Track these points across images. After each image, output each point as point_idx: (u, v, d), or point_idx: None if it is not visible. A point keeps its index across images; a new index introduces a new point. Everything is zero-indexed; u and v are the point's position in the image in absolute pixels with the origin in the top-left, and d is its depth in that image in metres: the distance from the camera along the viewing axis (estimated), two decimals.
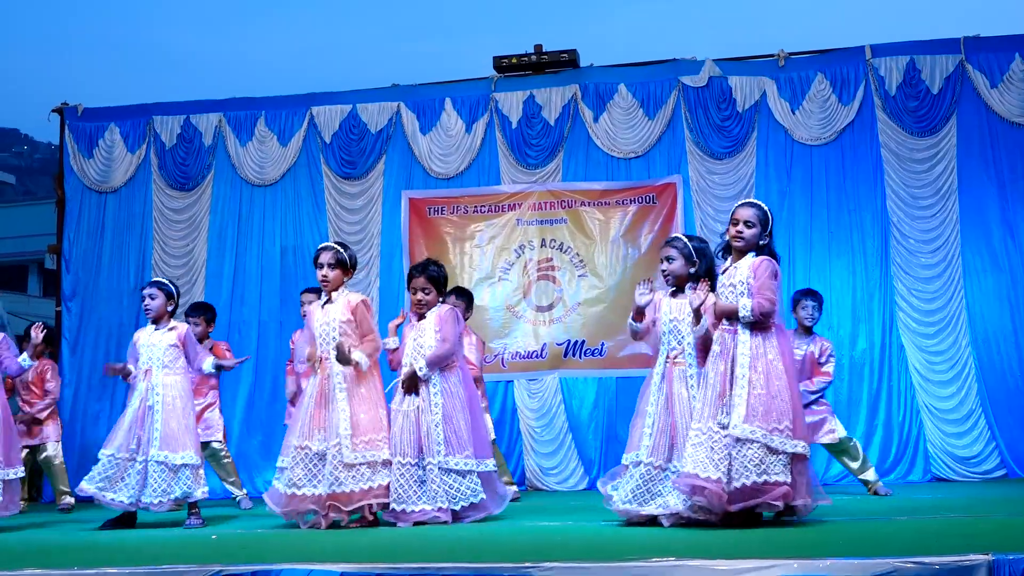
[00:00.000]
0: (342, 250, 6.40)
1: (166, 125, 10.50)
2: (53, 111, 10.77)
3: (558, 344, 9.66)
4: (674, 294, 5.67)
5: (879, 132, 9.55)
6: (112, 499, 6.30)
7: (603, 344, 9.61)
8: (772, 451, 4.91)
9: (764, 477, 4.88)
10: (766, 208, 5.49)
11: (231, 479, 8.09)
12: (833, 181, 9.52)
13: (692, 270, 5.56)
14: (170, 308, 6.77)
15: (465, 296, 8.13)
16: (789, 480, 4.91)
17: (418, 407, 6.02)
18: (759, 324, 5.13)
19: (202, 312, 8.33)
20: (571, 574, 3.69)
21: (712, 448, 4.98)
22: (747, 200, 5.69)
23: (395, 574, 3.81)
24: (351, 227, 10.12)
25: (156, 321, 6.70)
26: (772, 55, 9.88)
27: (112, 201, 10.52)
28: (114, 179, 10.50)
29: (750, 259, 5.29)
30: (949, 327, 9.21)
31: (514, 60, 10.13)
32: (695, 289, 5.38)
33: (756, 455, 4.91)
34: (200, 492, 6.40)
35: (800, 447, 4.99)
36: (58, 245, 10.52)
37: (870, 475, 7.39)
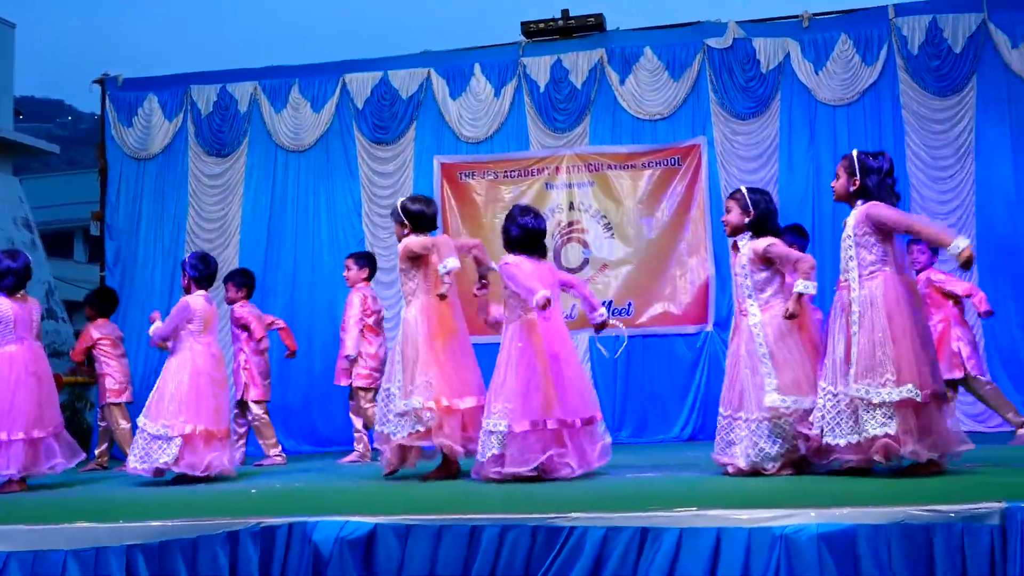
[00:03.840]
0: None
1: (203, 94, 10.54)
2: (94, 82, 10.84)
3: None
4: (734, 246, 5.68)
5: (901, 93, 9.45)
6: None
7: (630, 304, 9.62)
8: (869, 404, 4.88)
9: (856, 437, 4.90)
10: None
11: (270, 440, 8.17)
12: (856, 141, 9.33)
13: (747, 220, 5.54)
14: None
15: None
16: (892, 431, 4.83)
17: None
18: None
19: (231, 278, 8.45)
20: (595, 523, 3.72)
21: (824, 408, 5.06)
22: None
23: (426, 524, 3.85)
24: (383, 191, 10.12)
25: None
26: (796, 16, 9.79)
27: (151, 168, 10.59)
28: (152, 146, 10.57)
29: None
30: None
31: (542, 25, 10.11)
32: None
33: (850, 413, 4.95)
34: None
35: (906, 392, 4.83)
36: (101, 211, 10.62)
37: None
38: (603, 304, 9.47)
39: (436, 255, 5.98)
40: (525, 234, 5.92)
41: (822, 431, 5.03)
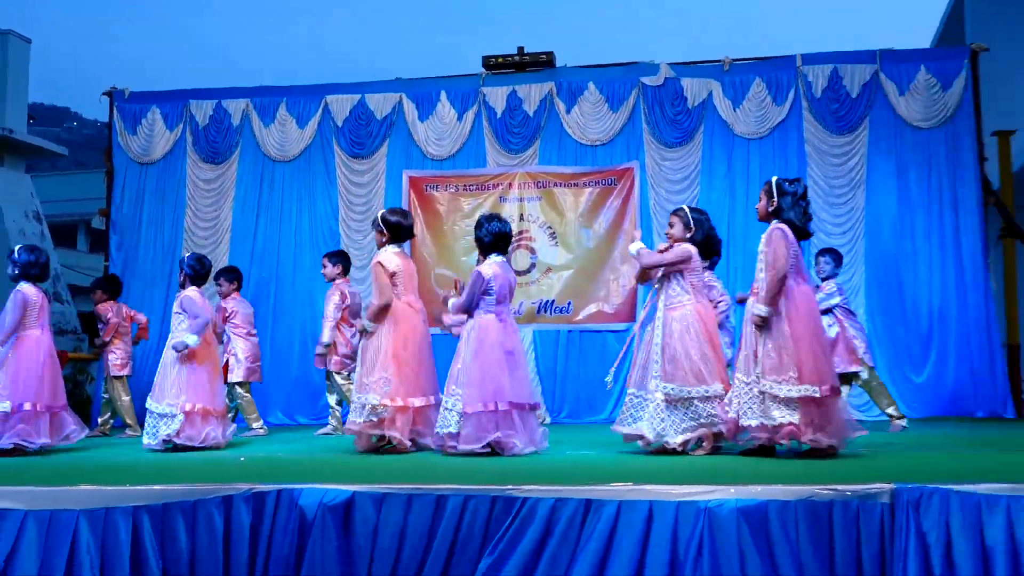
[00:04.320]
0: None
1: (201, 108, 10.37)
2: (104, 94, 10.61)
3: (532, 303, 9.68)
4: None
5: (804, 130, 9.61)
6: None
7: (569, 303, 9.65)
8: (775, 397, 4.94)
9: (765, 420, 4.95)
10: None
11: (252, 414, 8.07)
12: (766, 170, 9.44)
13: (689, 235, 5.61)
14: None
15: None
16: (796, 420, 4.88)
17: None
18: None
19: (223, 274, 8.32)
20: (545, 495, 3.73)
21: (739, 395, 5.11)
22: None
23: (398, 492, 3.83)
24: (358, 200, 10.04)
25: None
26: (718, 60, 9.87)
27: (152, 172, 10.40)
28: (154, 153, 10.38)
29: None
30: (852, 297, 9.24)
31: (500, 60, 10.08)
32: None
33: (760, 400, 5.00)
34: None
35: (805, 390, 4.88)
36: (107, 209, 10.42)
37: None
38: (547, 303, 9.64)
39: (399, 282, 6.04)
40: (495, 238, 5.91)
41: (738, 414, 5.09)
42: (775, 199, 5.26)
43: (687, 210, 5.73)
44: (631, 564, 3.52)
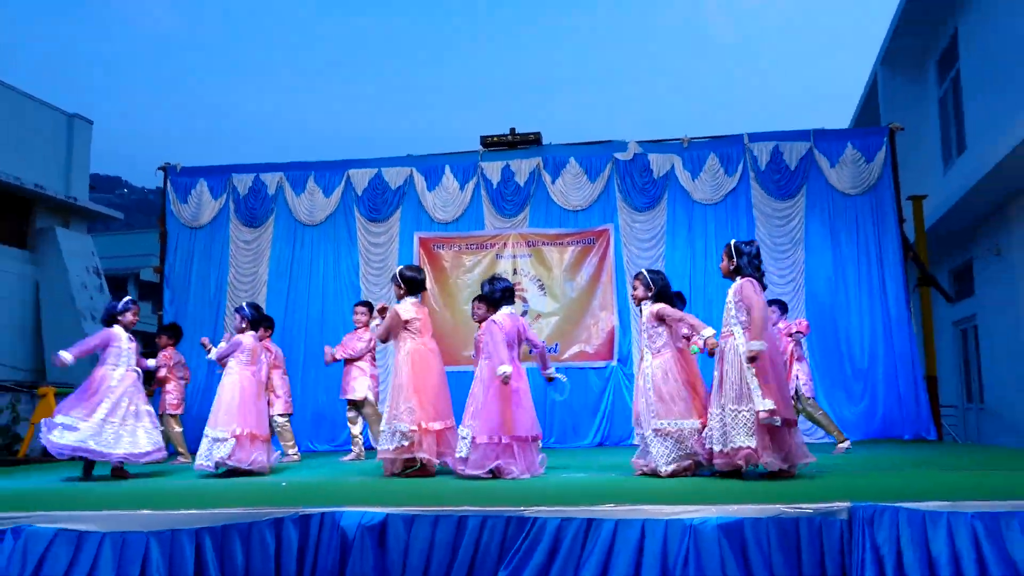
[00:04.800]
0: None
1: (241, 180, 10.38)
2: (159, 168, 10.59)
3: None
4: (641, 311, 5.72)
5: (752, 196, 9.67)
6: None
7: (557, 344, 9.62)
8: (737, 423, 4.90)
9: (730, 445, 4.91)
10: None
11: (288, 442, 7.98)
12: (720, 231, 9.58)
13: (650, 294, 5.60)
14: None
15: None
16: (752, 445, 4.83)
17: None
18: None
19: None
20: (551, 515, 3.70)
21: (712, 425, 5.09)
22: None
23: (425, 514, 3.79)
24: (376, 258, 10.03)
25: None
26: (679, 139, 9.96)
27: (200, 234, 10.36)
28: (202, 218, 10.36)
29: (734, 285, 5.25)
30: None
31: (495, 139, 10.15)
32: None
33: (720, 428, 4.99)
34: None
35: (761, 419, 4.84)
36: (161, 267, 10.36)
37: None
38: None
39: (414, 328, 6.02)
40: (503, 292, 5.90)
41: (711, 442, 5.08)
42: (735, 259, 5.29)
43: (646, 273, 5.70)
44: (628, 575, 3.50)
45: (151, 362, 6.73)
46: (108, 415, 6.05)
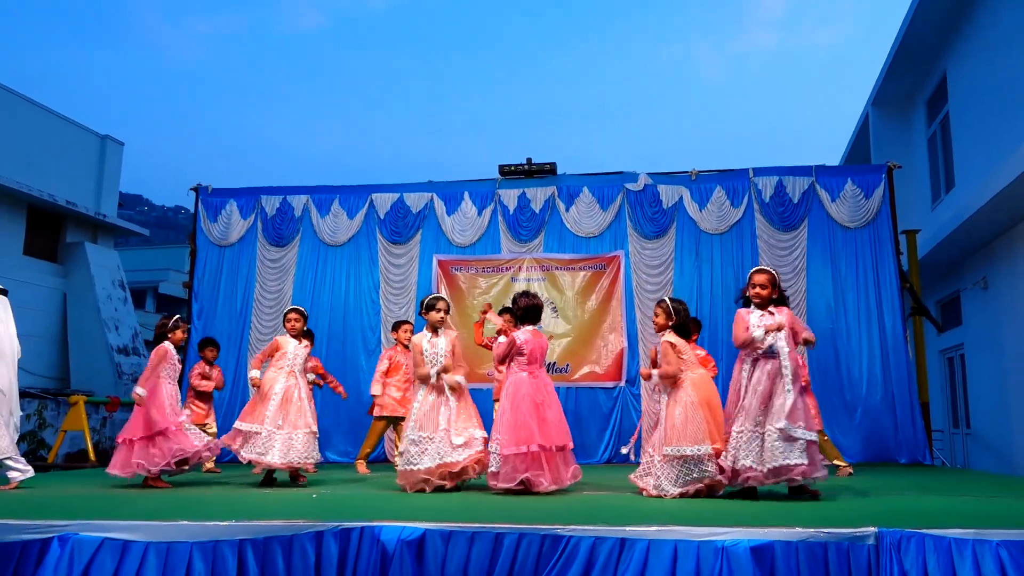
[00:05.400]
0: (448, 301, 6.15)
1: (270, 201, 10.36)
2: (191, 189, 10.59)
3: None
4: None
5: (756, 228, 9.66)
6: (269, 460, 6.02)
7: (568, 364, 9.57)
8: (791, 440, 4.79)
9: (782, 462, 4.78)
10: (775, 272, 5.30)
11: None
12: (727, 260, 9.58)
13: (671, 323, 5.42)
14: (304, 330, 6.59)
15: None
16: (805, 462, 4.76)
17: None
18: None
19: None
20: (586, 533, 3.61)
21: (737, 443, 4.95)
22: (760, 267, 5.41)
23: (463, 530, 3.71)
24: (396, 278, 9.98)
25: (296, 337, 6.49)
26: (687, 171, 9.96)
27: (228, 252, 10.34)
28: (231, 237, 10.33)
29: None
30: None
31: (512, 168, 10.15)
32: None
33: (760, 445, 4.88)
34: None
35: (813, 435, 4.82)
36: (190, 282, 10.31)
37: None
38: (550, 364, 9.51)
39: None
40: (524, 311, 5.71)
41: (735, 460, 4.94)
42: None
43: (668, 302, 5.52)
44: None
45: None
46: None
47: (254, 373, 6.30)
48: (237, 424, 6.07)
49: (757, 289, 5.22)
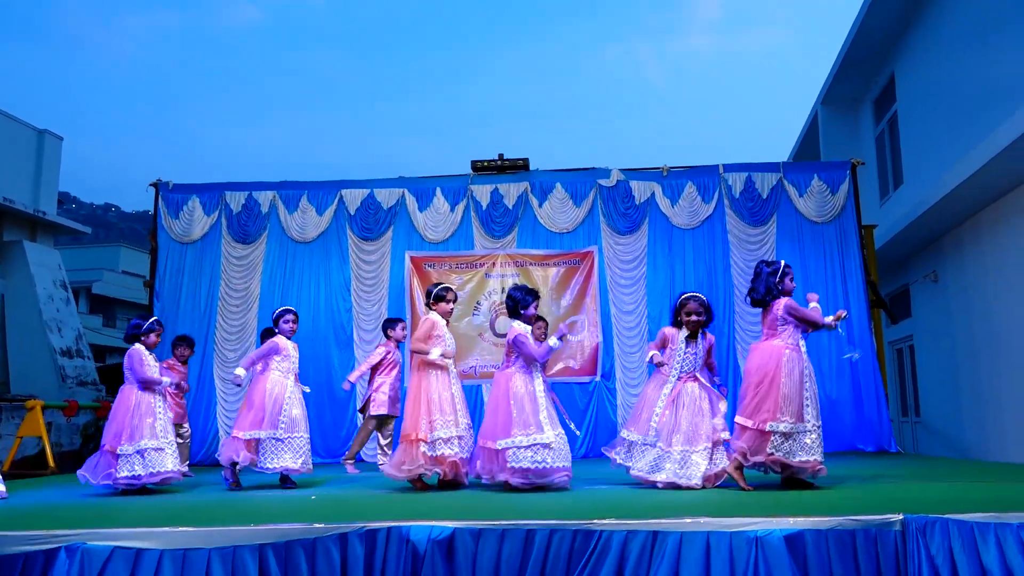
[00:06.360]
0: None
1: (235, 197, 10.07)
2: (150, 184, 10.21)
3: None
4: (693, 336, 5.57)
5: (727, 222, 9.80)
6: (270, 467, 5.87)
7: None
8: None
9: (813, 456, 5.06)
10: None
11: None
12: (699, 255, 9.71)
13: (705, 318, 5.58)
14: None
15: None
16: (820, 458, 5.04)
17: None
18: None
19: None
20: (617, 527, 3.62)
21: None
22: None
23: (492, 528, 3.68)
24: (367, 275, 9.83)
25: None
26: (659, 167, 10.04)
27: (191, 250, 10.00)
28: (193, 234, 10.01)
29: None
30: None
31: (485, 163, 10.08)
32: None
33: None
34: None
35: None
36: (151, 280, 9.95)
37: None
38: None
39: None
40: (510, 304, 5.70)
41: (784, 455, 5.06)
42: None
43: (705, 300, 5.62)
44: None
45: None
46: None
47: (240, 370, 6.13)
48: (244, 433, 5.83)
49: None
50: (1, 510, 4.76)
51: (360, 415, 7.89)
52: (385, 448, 7.54)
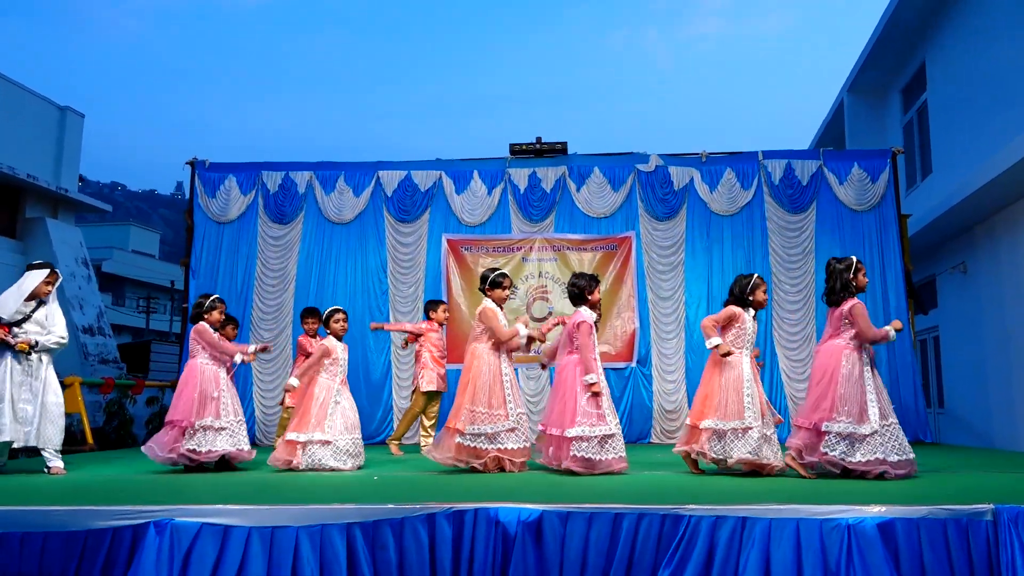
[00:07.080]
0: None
1: (271, 177, 10.06)
2: (187, 163, 10.21)
3: (548, 344, 9.56)
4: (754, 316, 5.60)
5: (766, 209, 9.76)
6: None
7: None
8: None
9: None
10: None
11: None
12: (738, 241, 9.68)
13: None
14: None
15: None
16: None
17: None
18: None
19: (311, 315, 7.98)
20: (707, 513, 3.62)
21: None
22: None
23: (580, 511, 3.69)
24: (404, 257, 9.83)
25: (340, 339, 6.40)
26: (698, 153, 10.00)
27: (228, 229, 10.00)
28: (230, 214, 10.00)
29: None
30: (806, 341, 9.45)
31: (523, 147, 10.04)
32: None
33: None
34: None
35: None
36: (187, 259, 9.96)
37: None
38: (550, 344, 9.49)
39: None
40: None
41: (839, 455, 5.05)
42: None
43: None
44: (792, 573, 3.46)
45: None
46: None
47: (293, 381, 6.18)
48: (300, 436, 5.86)
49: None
50: (75, 485, 4.80)
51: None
52: (429, 429, 7.56)
